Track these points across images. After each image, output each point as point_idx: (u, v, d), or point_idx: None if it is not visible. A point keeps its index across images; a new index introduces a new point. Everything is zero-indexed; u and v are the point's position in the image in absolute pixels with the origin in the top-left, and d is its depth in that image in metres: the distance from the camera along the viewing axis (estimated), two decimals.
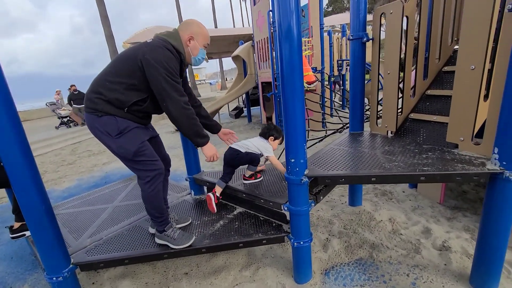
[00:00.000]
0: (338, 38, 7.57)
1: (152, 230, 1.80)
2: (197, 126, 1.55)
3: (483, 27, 1.39)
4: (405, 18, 1.86)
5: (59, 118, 9.15)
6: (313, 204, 1.57)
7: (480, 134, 1.54)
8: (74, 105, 8.94)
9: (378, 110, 2.39)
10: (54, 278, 1.50)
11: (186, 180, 2.33)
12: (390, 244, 2.00)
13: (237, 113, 8.28)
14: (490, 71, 1.49)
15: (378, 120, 2.27)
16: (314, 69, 5.30)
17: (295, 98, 1.35)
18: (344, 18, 14.97)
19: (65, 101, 9.74)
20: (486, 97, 1.56)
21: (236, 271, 1.86)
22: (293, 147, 1.42)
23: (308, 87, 5.07)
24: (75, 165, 5.31)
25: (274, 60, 5.05)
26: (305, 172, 1.46)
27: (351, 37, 2.08)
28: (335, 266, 1.84)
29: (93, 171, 4.79)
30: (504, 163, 1.28)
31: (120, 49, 11.36)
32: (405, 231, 2.14)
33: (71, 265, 1.56)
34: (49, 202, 1.45)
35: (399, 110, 2.06)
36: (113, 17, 12.27)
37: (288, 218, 1.73)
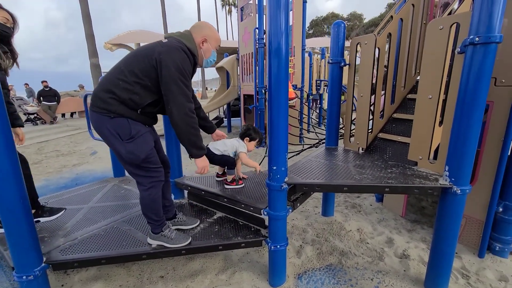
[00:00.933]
0: (317, 59, 8.06)
1: (150, 241, 1.72)
2: (196, 136, 1.54)
3: (438, 64, 1.65)
4: (377, 49, 2.12)
5: (25, 114, 8.58)
6: (290, 210, 1.69)
7: (436, 154, 1.79)
8: (43, 102, 8.46)
9: (351, 128, 2.62)
10: (24, 277, 1.45)
11: None
12: (358, 252, 2.16)
13: (217, 122, 8.34)
14: (445, 101, 1.76)
15: (351, 138, 2.49)
16: (295, 87, 5.58)
17: (280, 109, 1.49)
18: (323, 41, 15.87)
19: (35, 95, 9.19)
20: (441, 123, 1.82)
21: (212, 275, 1.90)
22: (275, 155, 1.55)
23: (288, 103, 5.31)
24: (41, 164, 5.00)
25: (258, 74, 5.25)
26: (285, 180, 1.59)
27: (330, 61, 2.31)
28: (307, 271, 1.95)
29: (62, 172, 4.55)
30: (453, 179, 1.50)
31: (100, 49, 11.04)
32: (371, 241, 2.32)
33: (43, 264, 1.52)
34: (27, 197, 1.42)
35: (369, 130, 2.29)
36: (93, 15, 11.94)
37: (266, 223, 1.84)
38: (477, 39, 1.30)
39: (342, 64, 2.28)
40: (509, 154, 1.88)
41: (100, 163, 4.96)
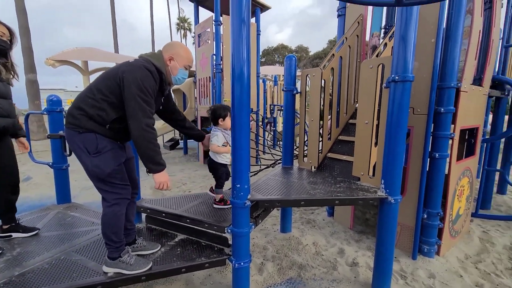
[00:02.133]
0: (270, 86, 8.62)
1: (106, 269, 1.61)
2: (154, 151, 1.56)
3: (371, 95, 2.00)
4: (323, 81, 2.45)
5: None
6: (253, 227, 1.78)
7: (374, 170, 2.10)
8: None
9: (304, 149, 2.89)
10: None
11: None
12: (314, 264, 2.31)
13: (173, 144, 8.13)
14: (378, 126, 2.11)
15: (304, 157, 2.74)
16: (251, 110, 5.86)
17: (242, 130, 1.62)
18: (275, 69, 17.02)
19: None
20: (376, 144, 2.16)
21: None
22: (239, 173, 1.65)
23: None
24: None
25: (216, 97, 5.41)
26: (248, 197, 1.69)
27: (284, 89, 2.58)
28: (269, 287, 2.01)
29: None
30: (387, 191, 1.78)
31: (39, 63, 10.03)
32: (325, 252, 2.51)
33: None
34: None
35: (320, 150, 2.56)
36: (32, 29, 10.94)
37: (230, 241, 1.88)
38: (397, 77, 1.65)
39: (295, 92, 2.56)
40: (427, 169, 2.31)
41: (35, 190, 4.38)
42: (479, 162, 3.82)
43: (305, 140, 2.90)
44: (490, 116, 3.71)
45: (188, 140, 7.61)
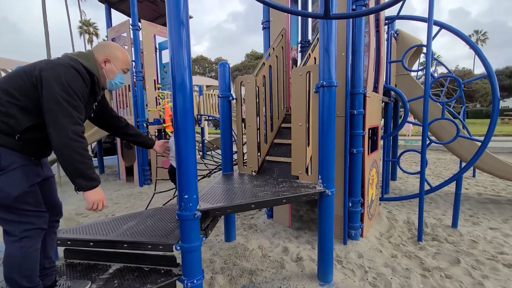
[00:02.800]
0: (196, 96, 8.45)
1: None
2: (85, 164, 1.29)
3: (302, 99, 2.21)
4: (257, 87, 2.57)
5: None
6: (204, 239, 1.67)
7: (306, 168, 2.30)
8: None
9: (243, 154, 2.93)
10: None
11: None
12: (263, 267, 2.34)
13: None
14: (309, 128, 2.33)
15: (244, 163, 2.77)
16: None
17: (187, 138, 1.52)
18: (197, 80, 16.79)
19: None
20: (308, 144, 2.38)
21: None
22: (186, 183, 1.53)
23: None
24: None
25: (138, 107, 4.93)
26: (198, 207, 1.58)
27: (220, 95, 2.57)
28: None
29: None
30: (324, 185, 1.98)
31: None
32: (271, 254, 2.57)
33: None
34: None
35: (258, 154, 2.64)
36: None
37: (178, 260, 1.71)
38: (324, 83, 1.88)
39: (230, 98, 2.58)
40: (348, 164, 2.68)
41: None
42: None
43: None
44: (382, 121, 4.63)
45: (104, 157, 6.63)
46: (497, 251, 2.60)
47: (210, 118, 7.89)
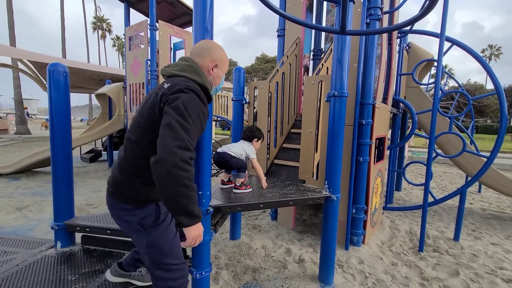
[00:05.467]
0: None
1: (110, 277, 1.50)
2: (189, 198, 1.08)
3: (313, 107, 2.30)
4: (269, 93, 2.67)
5: None
6: (214, 234, 1.77)
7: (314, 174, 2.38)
8: None
9: None
10: None
11: (52, 228, 1.86)
12: (266, 266, 2.42)
13: (93, 156, 7.10)
14: (317, 135, 2.42)
15: None
16: None
17: (205, 136, 1.61)
18: None
19: None
20: (316, 150, 2.47)
21: None
22: (201, 180, 1.63)
23: None
24: None
25: None
26: (210, 203, 1.68)
27: (234, 98, 2.68)
28: None
29: None
30: (330, 190, 2.06)
31: None
32: (274, 254, 2.66)
33: None
34: None
35: (267, 157, 2.74)
36: None
37: (187, 253, 1.81)
38: (336, 93, 1.97)
39: (244, 102, 2.69)
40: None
41: None
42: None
43: None
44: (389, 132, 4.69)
45: (115, 151, 6.80)
46: (497, 266, 2.63)
47: (218, 119, 8.00)
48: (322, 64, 2.49)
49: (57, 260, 1.73)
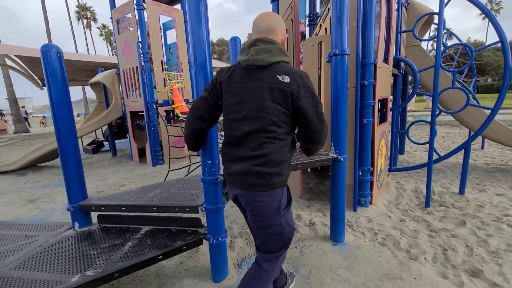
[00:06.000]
0: None
1: None
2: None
3: (314, 69, 2.25)
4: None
5: None
6: (226, 202, 1.80)
7: None
8: None
9: None
10: None
11: (68, 210, 1.91)
12: None
13: (95, 147, 7.12)
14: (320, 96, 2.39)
15: None
16: (187, 101, 5.66)
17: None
18: None
19: None
20: None
21: None
22: (209, 150, 1.64)
23: (182, 117, 5.32)
24: None
25: (147, 89, 5.00)
26: (220, 172, 1.70)
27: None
28: (244, 259, 2.09)
29: None
30: (337, 151, 2.07)
31: None
32: None
33: None
34: None
35: None
36: None
37: (202, 223, 1.86)
38: (337, 51, 1.92)
39: None
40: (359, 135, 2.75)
41: None
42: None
43: None
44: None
45: (116, 141, 6.80)
46: (502, 214, 2.71)
47: None
48: (320, 25, 2.40)
49: (77, 239, 1.79)
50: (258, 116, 1.21)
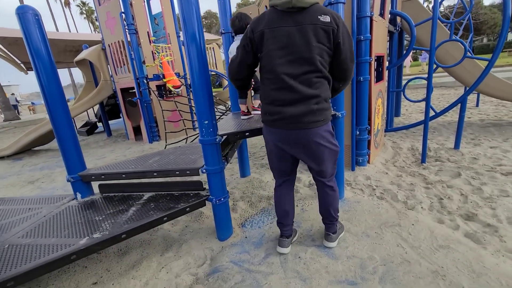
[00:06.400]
0: None
1: (332, 244, 1.71)
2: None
3: None
4: None
5: None
6: (225, 163, 1.81)
7: None
8: None
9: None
10: None
11: (68, 181, 1.90)
12: None
13: (89, 129, 7.01)
14: None
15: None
16: (178, 75, 5.48)
17: (201, 73, 1.55)
18: None
19: None
20: None
21: (157, 257, 1.77)
22: (205, 109, 1.60)
23: (175, 91, 5.19)
24: None
25: (136, 63, 4.81)
26: (217, 132, 1.68)
27: (223, 31, 2.50)
28: (247, 219, 2.15)
29: None
30: (335, 107, 2.05)
31: None
32: None
33: None
34: None
35: None
36: None
37: (204, 185, 1.88)
38: (332, 0, 1.82)
39: (233, 34, 2.51)
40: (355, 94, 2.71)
41: None
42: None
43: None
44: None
45: (110, 121, 6.68)
46: (496, 164, 2.77)
47: (211, 72, 7.68)
48: None
49: (81, 208, 1.80)
50: (306, 57, 1.29)
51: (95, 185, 2.04)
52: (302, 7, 1.26)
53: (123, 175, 1.85)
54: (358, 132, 2.83)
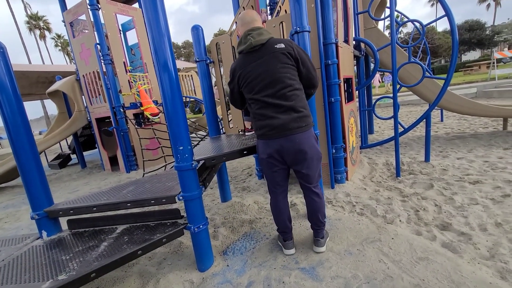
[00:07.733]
0: None
1: (321, 249, 1.84)
2: None
3: None
4: (232, 47, 2.59)
5: None
6: (203, 189, 1.77)
7: None
8: None
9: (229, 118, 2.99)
10: None
11: (32, 218, 1.76)
12: (261, 216, 2.51)
13: (62, 161, 6.67)
14: None
15: (230, 124, 2.85)
16: (155, 102, 5.48)
17: (174, 98, 1.56)
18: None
19: None
20: None
21: None
22: (178, 135, 1.59)
23: (153, 119, 5.15)
24: None
25: (112, 93, 4.76)
26: (193, 158, 1.66)
27: (197, 59, 2.57)
28: (229, 246, 2.07)
29: None
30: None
31: None
32: (267, 206, 2.74)
33: None
34: None
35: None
36: None
37: (182, 213, 1.81)
38: (298, 29, 1.96)
39: (208, 61, 2.60)
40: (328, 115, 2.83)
41: None
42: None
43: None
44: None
45: (84, 153, 6.41)
46: (464, 174, 2.94)
47: (187, 99, 7.72)
48: (280, 7, 2.43)
49: (46, 247, 1.65)
50: (276, 78, 1.58)
51: (63, 221, 1.91)
52: (261, 43, 1.61)
53: (94, 208, 1.75)
54: (334, 150, 2.91)
